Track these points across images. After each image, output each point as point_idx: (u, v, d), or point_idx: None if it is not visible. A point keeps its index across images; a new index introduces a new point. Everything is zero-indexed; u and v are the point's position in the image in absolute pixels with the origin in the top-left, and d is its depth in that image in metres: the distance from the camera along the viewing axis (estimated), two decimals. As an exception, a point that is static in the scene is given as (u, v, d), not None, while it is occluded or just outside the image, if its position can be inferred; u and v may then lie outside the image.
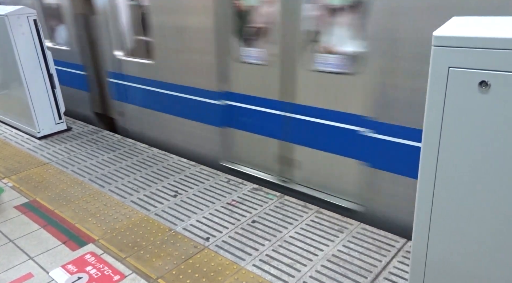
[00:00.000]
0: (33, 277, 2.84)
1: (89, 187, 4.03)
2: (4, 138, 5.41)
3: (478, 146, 1.62)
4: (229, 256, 2.97)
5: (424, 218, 1.86)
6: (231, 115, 4.29)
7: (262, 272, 2.80)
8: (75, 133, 5.50)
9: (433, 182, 1.78)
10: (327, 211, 3.47)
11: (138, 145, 5.03)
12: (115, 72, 5.40)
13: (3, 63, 5.30)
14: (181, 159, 4.58)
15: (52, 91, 5.32)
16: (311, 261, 2.89)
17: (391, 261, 2.86)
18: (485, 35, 1.52)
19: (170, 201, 3.74)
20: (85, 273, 2.84)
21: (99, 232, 3.31)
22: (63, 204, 3.74)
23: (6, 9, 4.87)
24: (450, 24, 1.77)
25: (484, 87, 1.54)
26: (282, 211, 3.50)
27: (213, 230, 3.29)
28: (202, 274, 2.80)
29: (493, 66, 1.51)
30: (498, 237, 1.70)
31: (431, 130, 1.71)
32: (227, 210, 3.56)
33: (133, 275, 2.81)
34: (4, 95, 5.75)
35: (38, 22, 4.99)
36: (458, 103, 1.61)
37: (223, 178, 4.12)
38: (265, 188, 3.88)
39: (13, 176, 4.34)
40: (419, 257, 1.95)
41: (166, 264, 2.91)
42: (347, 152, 3.50)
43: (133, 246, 3.12)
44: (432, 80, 1.64)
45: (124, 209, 3.63)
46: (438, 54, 1.60)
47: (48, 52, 5.18)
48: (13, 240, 3.26)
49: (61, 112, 5.48)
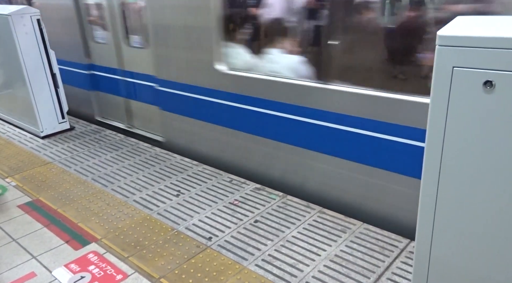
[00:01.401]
0: (36, 276, 2.85)
1: (92, 187, 4.04)
2: (7, 137, 5.42)
3: (482, 146, 1.61)
4: (232, 256, 2.97)
5: (427, 218, 1.85)
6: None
7: (265, 272, 2.80)
8: (78, 132, 5.51)
9: (436, 182, 1.77)
10: (330, 211, 3.46)
11: (141, 145, 5.03)
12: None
13: (7, 62, 5.32)
14: (183, 159, 4.59)
15: (55, 90, 5.33)
16: (313, 261, 2.88)
17: (394, 262, 2.85)
18: (490, 34, 1.51)
19: (172, 200, 3.74)
20: (87, 273, 2.84)
21: (101, 231, 3.31)
22: (66, 203, 3.75)
23: (9, 9, 4.89)
24: (455, 23, 1.76)
25: (489, 87, 1.53)
26: (285, 211, 3.49)
27: (215, 229, 3.28)
28: (205, 274, 2.80)
29: (497, 66, 1.49)
30: (502, 237, 1.69)
31: (435, 130, 1.70)
32: (230, 209, 3.55)
33: (136, 275, 2.81)
34: (8, 94, 5.77)
35: (41, 22, 5.00)
36: (462, 103, 1.60)
37: (225, 177, 4.12)
38: (268, 188, 3.88)
39: (17, 175, 4.35)
40: (422, 257, 1.94)
41: (169, 264, 2.91)
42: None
43: (135, 245, 3.12)
44: (436, 79, 1.63)
45: (126, 208, 3.63)
46: (442, 53, 1.59)
47: (52, 52, 5.19)
48: (16, 239, 3.27)
49: (64, 111, 5.49)
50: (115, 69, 5.43)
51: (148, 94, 5.06)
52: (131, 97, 5.41)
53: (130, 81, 5.32)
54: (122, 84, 5.44)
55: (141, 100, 5.27)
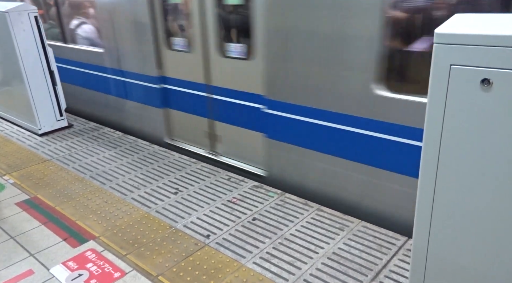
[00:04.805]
0: (33, 274, 2.85)
1: (90, 184, 4.03)
2: (5, 135, 5.41)
3: (479, 144, 1.61)
4: (230, 253, 2.97)
5: (425, 216, 1.86)
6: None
7: (263, 270, 2.80)
8: (76, 130, 5.50)
9: (434, 180, 1.77)
10: (328, 209, 3.47)
11: (139, 142, 5.03)
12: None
13: (4, 60, 5.30)
14: (182, 157, 4.58)
15: (53, 88, 5.31)
16: (311, 259, 2.89)
17: (392, 259, 2.86)
18: (487, 32, 1.50)
19: (170, 198, 3.74)
20: (85, 270, 2.84)
21: (99, 229, 3.31)
22: (64, 201, 3.75)
23: (6, 6, 4.87)
24: (452, 21, 1.75)
25: (486, 85, 1.53)
26: (283, 208, 3.50)
27: (213, 227, 3.28)
28: (203, 272, 2.80)
29: (495, 63, 1.49)
30: (499, 234, 1.69)
31: (432, 128, 1.70)
32: (228, 207, 3.55)
33: (134, 272, 2.81)
34: (5, 92, 5.75)
35: (39, 19, 4.98)
36: (460, 101, 1.60)
37: (224, 175, 4.11)
38: (266, 186, 3.88)
39: (14, 172, 4.34)
40: (419, 254, 1.94)
41: (167, 262, 2.91)
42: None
43: (133, 243, 3.12)
44: (434, 77, 1.63)
45: (124, 206, 3.63)
46: (440, 51, 1.59)
47: (49, 49, 5.17)
48: (14, 236, 3.27)
49: (62, 109, 5.48)
50: (199, 84, 4.39)
51: (247, 116, 4.08)
52: (221, 118, 4.37)
53: (219, 99, 4.28)
54: (208, 102, 4.41)
55: (235, 123, 4.24)
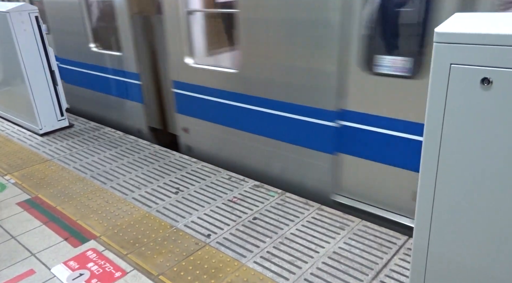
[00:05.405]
0: (35, 273, 2.85)
1: (91, 184, 4.04)
2: (6, 135, 5.42)
3: (479, 143, 1.61)
4: (230, 253, 2.97)
5: (425, 215, 1.86)
6: None
7: (263, 269, 2.80)
8: (77, 130, 5.50)
9: (434, 179, 1.77)
10: (328, 208, 3.46)
11: (140, 142, 5.03)
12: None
13: (5, 60, 5.31)
14: (182, 156, 4.58)
15: (54, 87, 5.32)
16: (312, 258, 2.89)
17: (392, 258, 2.86)
18: (487, 31, 1.50)
19: (171, 198, 3.74)
20: (86, 270, 2.85)
21: (100, 228, 3.32)
22: (65, 200, 3.75)
23: (7, 6, 4.87)
24: (452, 20, 1.76)
25: (486, 84, 1.53)
26: (283, 208, 3.50)
27: (214, 227, 3.29)
28: (203, 271, 2.80)
29: (495, 62, 1.49)
30: (500, 233, 1.69)
31: (432, 127, 1.70)
32: (229, 207, 3.56)
33: (134, 272, 2.82)
34: (6, 92, 5.76)
35: (39, 19, 4.99)
36: (460, 100, 1.60)
37: (224, 175, 4.12)
38: (266, 185, 3.88)
39: (16, 172, 4.35)
40: (420, 253, 1.94)
41: (167, 261, 2.91)
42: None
43: (134, 242, 3.13)
44: (434, 76, 1.63)
45: (125, 206, 3.64)
46: (440, 50, 1.59)
47: (50, 49, 5.18)
48: (15, 236, 3.27)
49: (63, 108, 5.48)
50: (416, 123, 3.05)
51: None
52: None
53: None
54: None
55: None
